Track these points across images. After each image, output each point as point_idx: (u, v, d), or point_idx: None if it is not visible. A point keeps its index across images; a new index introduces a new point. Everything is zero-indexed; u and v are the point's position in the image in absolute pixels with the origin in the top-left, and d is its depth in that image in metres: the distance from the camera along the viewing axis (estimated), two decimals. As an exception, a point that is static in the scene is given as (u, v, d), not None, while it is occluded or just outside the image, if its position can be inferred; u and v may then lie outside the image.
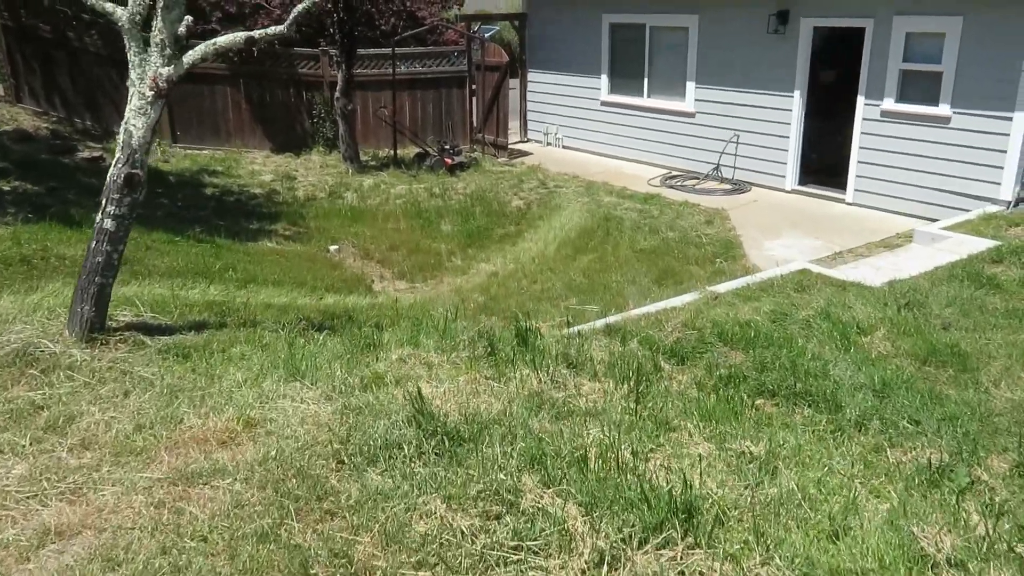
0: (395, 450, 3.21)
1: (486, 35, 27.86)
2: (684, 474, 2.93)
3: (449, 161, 13.72)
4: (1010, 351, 5.59)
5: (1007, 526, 3.10)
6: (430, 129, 15.55)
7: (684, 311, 6.41)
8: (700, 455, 3.26)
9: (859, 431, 4.32)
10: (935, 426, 4.47)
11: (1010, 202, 9.46)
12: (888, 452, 4.11)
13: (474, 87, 15.57)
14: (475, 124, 15.67)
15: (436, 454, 3.20)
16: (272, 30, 4.56)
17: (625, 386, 4.18)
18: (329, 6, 13.03)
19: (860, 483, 3.53)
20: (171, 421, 3.56)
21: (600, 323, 6.18)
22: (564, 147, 15.24)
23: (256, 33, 4.56)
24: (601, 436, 3.29)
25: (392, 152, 14.62)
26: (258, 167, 14.03)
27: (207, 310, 5.72)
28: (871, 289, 6.89)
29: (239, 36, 4.58)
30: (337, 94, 13.63)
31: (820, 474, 3.37)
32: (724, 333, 5.68)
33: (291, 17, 4.51)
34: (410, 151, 14.77)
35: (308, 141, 15.33)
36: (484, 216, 11.24)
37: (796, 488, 3.06)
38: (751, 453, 3.29)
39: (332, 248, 10.11)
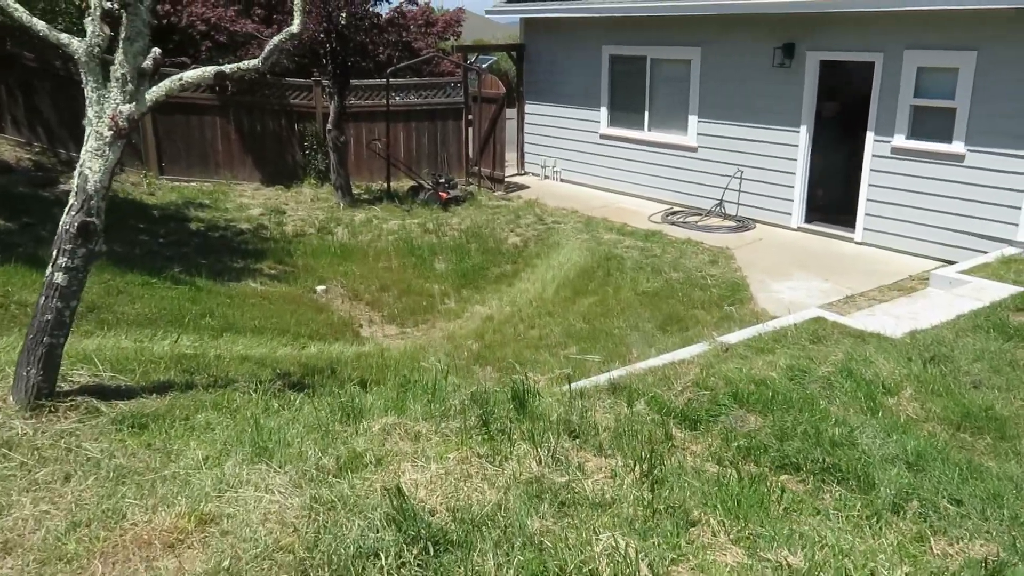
0: (370, 560, 2.72)
1: (483, 65, 27.70)
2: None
3: (444, 195, 13.31)
4: (1050, 414, 5.14)
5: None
6: (425, 161, 15.16)
7: (693, 365, 5.95)
8: (729, 567, 2.77)
9: (897, 515, 3.85)
10: (979, 507, 4.02)
11: (1028, 244, 9.06)
12: (932, 542, 3.65)
13: (470, 118, 15.22)
14: (471, 156, 15.30)
15: (418, 566, 2.71)
16: (245, 65, 4.14)
17: (636, 466, 3.70)
18: (322, 36, 12.70)
19: (911, 592, 3.06)
20: (112, 516, 3.07)
21: (603, 378, 5.70)
22: (562, 180, 14.86)
23: (227, 68, 4.13)
24: (612, 542, 2.81)
25: (385, 185, 14.22)
26: (247, 200, 13.60)
27: (175, 366, 5.25)
28: (892, 341, 6.44)
29: (208, 71, 4.16)
30: (329, 125, 13.25)
31: (867, 586, 2.89)
32: (739, 393, 5.22)
33: (265, 51, 4.09)
34: (404, 184, 14.37)
35: (299, 173, 14.93)
36: (479, 254, 10.79)
37: (846, 614, 2.58)
38: (789, 565, 2.81)
39: (319, 289, 9.64)
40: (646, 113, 13.12)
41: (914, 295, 8.32)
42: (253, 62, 4.15)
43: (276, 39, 4.19)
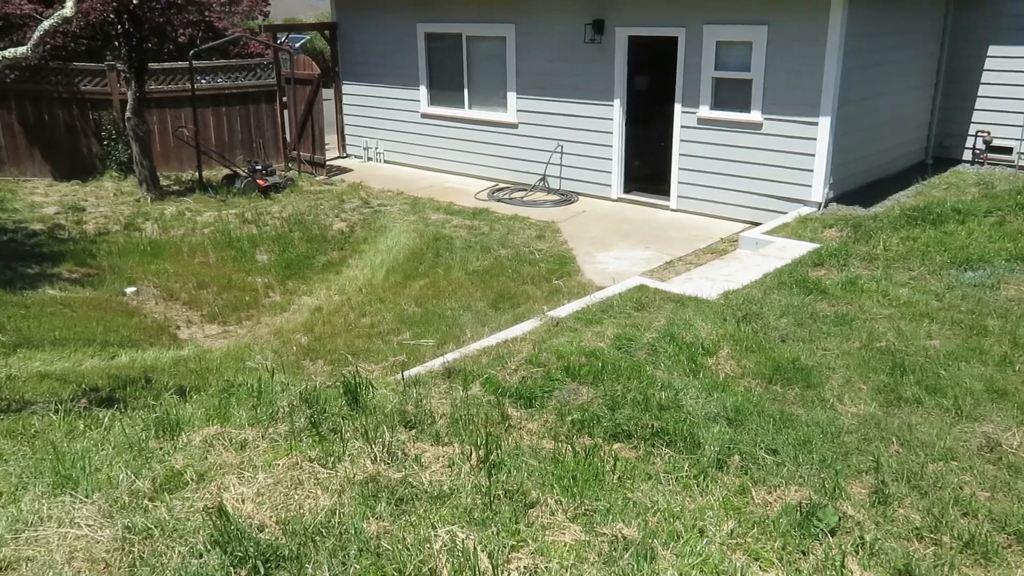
0: (194, 589, 2.53)
1: (296, 45, 26.65)
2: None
3: (262, 182, 12.71)
4: (847, 361, 5.61)
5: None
6: (239, 148, 14.42)
7: (526, 342, 6.02)
8: (568, 546, 2.80)
9: (721, 470, 4.07)
10: (792, 454, 4.32)
11: (820, 203, 9.83)
12: (753, 493, 3.88)
13: (285, 101, 14.61)
14: (289, 141, 14.71)
15: (248, 588, 2.55)
16: (11, 52, 3.69)
17: (473, 453, 3.67)
18: (112, 17, 11.71)
19: (737, 545, 3.23)
20: None
21: (438, 363, 5.66)
22: (386, 162, 14.61)
23: (-11, 56, 3.67)
24: (451, 537, 2.76)
25: (197, 175, 13.40)
26: (39, 198, 12.40)
27: (-42, 393, 4.68)
28: (708, 303, 6.80)
29: (-35, 61, 3.68)
30: (128, 113, 12.29)
31: (697, 546, 3.02)
32: (570, 367, 5.34)
33: (35, 37, 3.67)
34: (218, 173, 13.60)
35: (99, 166, 13.79)
36: (304, 242, 10.40)
37: (679, 577, 2.67)
38: (624, 537, 2.88)
39: (129, 291, 8.94)
40: (465, 91, 13.09)
41: (726, 257, 8.84)
42: (21, 49, 3.71)
43: (46, 23, 3.77)
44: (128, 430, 3.88)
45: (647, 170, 11.75)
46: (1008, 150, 11.67)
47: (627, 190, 11.73)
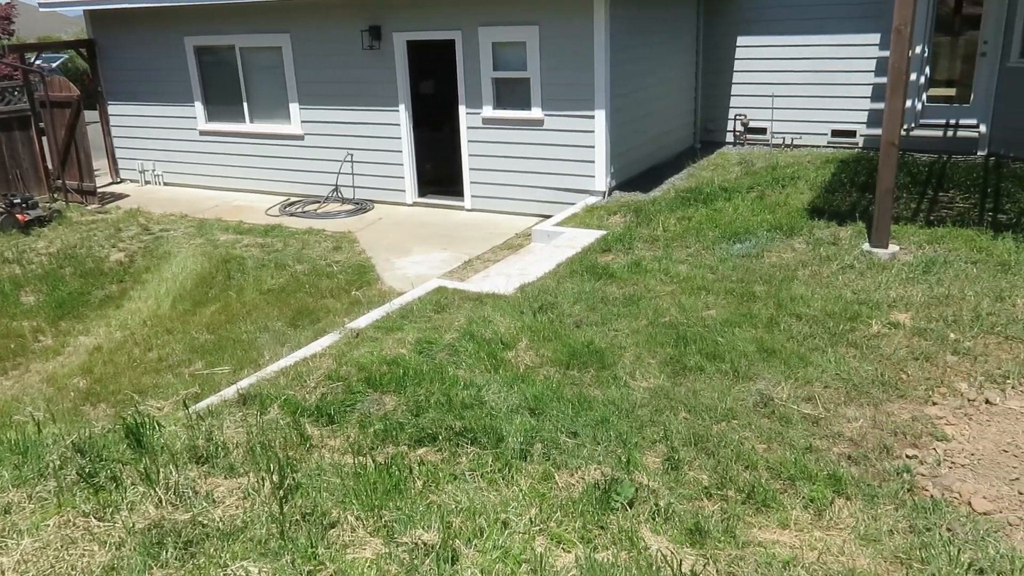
0: None
1: (53, 65, 24.49)
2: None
3: (22, 217, 11.54)
4: (636, 339, 5.90)
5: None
6: (-8, 181, 13.01)
7: (326, 357, 5.87)
8: (368, 561, 2.74)
9: (525, 460, 4.16)
10: (591, 434, 4.48)
11: (605, 192, 10.32)
12: (556, 477, 3.99)
13: (43, 126, 13.34)
14: (52, 169, 13.45)
15: (8, 670, 2.28)
16: None
17: (267, 480, 3.51)
18: None
19: (540, 531, 3.30)
20: None
21: (232, 391, 5.38)
22: (166, 184, 13.73)
23: None
24: (242, 573, 2.61)
25: (-57, 215, 11.95)
26: None
27: None
28: (506, 298, 6.93)
29: None
30: None
31: (500, 539, 3.05)
32: (372, 377, 5.25)
33: None
34: (-32, 211, 12.20)
35: None
36: (77, 278, 9.54)
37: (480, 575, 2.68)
38: (425, 543, 2.85)
39: None
40: (245, 104, 12.56)
41: (521, 251, 9.06)
42: None
43: None
44: None
45: (440, 172, 11.82)
46: (763, 130, 12.83)
47: (422, 194, 11.74)
